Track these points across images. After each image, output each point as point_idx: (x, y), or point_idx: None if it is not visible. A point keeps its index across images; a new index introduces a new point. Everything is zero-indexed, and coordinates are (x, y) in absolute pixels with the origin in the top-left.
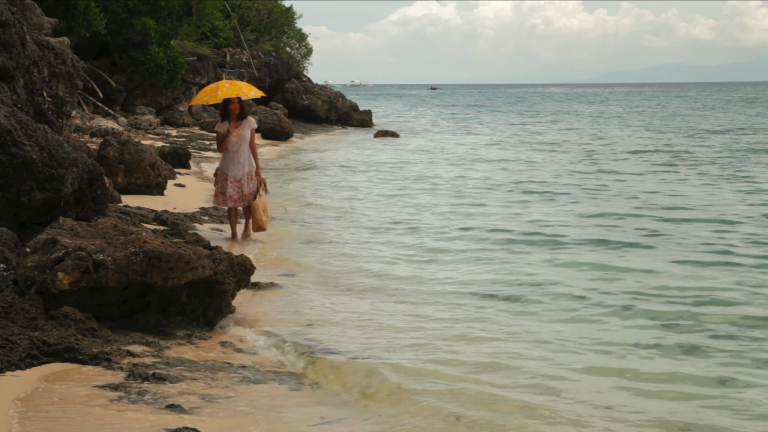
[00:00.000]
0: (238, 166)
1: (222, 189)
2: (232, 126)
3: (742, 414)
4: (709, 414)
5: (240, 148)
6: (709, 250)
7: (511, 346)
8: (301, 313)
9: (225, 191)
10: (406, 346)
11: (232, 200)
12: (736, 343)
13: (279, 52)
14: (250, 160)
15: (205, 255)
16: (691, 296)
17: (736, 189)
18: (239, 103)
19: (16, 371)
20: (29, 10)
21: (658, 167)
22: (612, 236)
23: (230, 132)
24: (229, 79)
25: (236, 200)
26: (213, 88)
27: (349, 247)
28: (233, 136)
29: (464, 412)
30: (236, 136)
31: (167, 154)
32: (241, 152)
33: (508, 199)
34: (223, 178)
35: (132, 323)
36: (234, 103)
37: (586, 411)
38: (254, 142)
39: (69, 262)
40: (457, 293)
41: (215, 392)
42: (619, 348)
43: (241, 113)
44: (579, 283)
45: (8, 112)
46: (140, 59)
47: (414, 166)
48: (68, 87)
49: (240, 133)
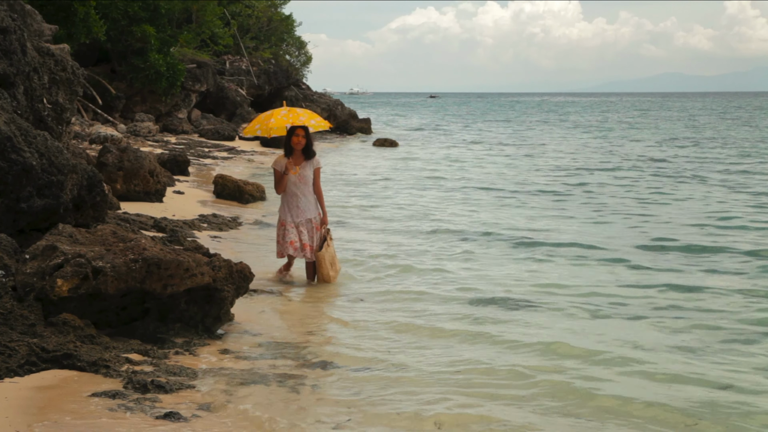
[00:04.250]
0: (296, 211)
1: (282, 236)
2: (291, 163)
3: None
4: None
5: (300, 190)
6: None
7: (514, 348)
8: (300, 320)
9: (285, 238)
10: (404, 351)
11: (293, 247)
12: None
13: (278, 59)
14: (315, 205)
15: (204, 262)
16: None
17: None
18: (305, 138)
19: (14, 378)
20: (30, 17)
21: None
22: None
23: (288, 170)
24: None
25: (297, 249)
26: (267, 116)
27: (349, 254)
28: (291, 174)
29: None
30: (295, 174)
31: (166, 161)
32: (301, 195)
33: (505, 204)
34: (280, 224)
35: (131, 330)
36: (298, 136)
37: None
38: (319, 184)
39: (68, 268)
40: (461, 299)
41: (213, 400)
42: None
43: (308, 149)
44: (590, 288)
45: (8, 118)
46: (140, 66)
47: (412, 173)
48: (68, 94)
49: (299, 172)
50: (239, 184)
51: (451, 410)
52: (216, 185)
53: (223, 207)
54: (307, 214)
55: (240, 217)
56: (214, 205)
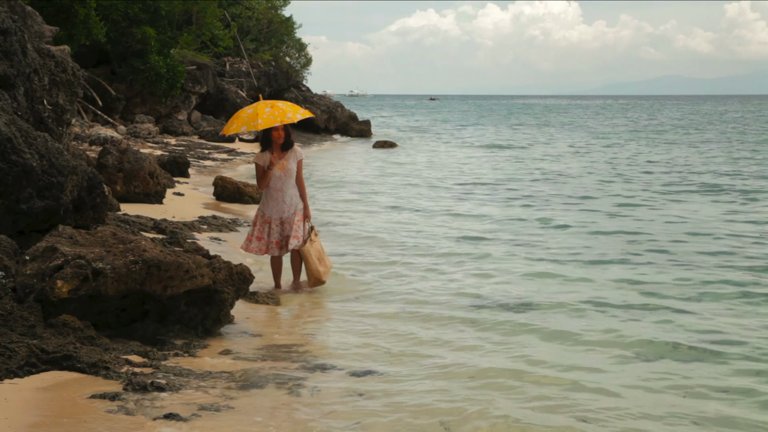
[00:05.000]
0: (282, 206)
1: (260, 233)
2: (275, 157)
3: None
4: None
5: (285, 184)
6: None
7: (515, 350)
8: (300, 322)
9: (265, 236)
10: (403, 356)
11: (277, 246)
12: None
13: (278, 61)
14: (298, 197)
15: (204, 264)
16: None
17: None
18: (285, 130)
19: (14, 379)
20: (30, 18)
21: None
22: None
23: (273, 164)
24: (267, 101)
25: (282, 246)
26: (251, 115)
27: (349, 257)
28: (277, 169)
29: (460, 422)
30: (281, 168)
31: (166, 162)
32: (286, 189)
33: (507, 206)
34: (263, 220)
35: (130, 331)
36: (278, 130)
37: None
38: (302, 175)
39: (68, 270)
40: (462, 302)
41: (213, 401)
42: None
43: (287, 142)
44: (590, 293)
45: (8, 119)
46: (140, 68)
47: (411, 176)
48: (68, 95)
49: (285, 166)
50: (239, 186)
51: (458, 414)
52: (216, 187)
53: (223, 209)
54: (292, 208)
55: (240, 219)
56: (214, 206)
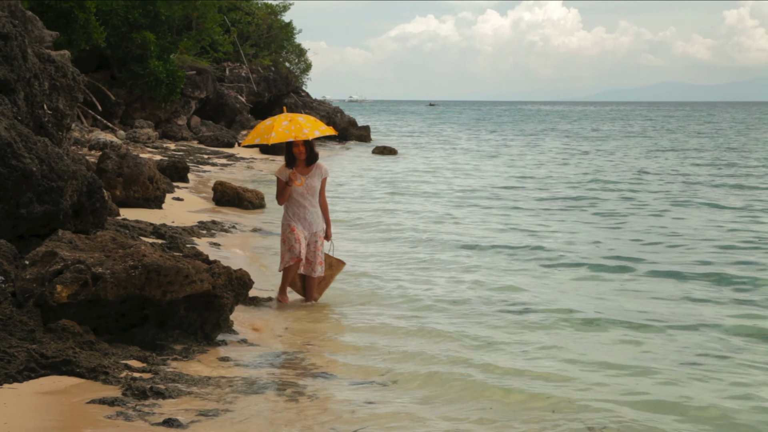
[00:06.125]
0: (304, 223)
1: (292, 245)
2: (295, 173)
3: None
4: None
5: (306, 202)
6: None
7: (517, 357)
8: (299, 328)
9: (296, 244)
10: (404, 364)
11: (302, 265)
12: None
13: (278, 66)
14: (321, 217)
15: (203, 269)
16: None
17: None
18: (306, 145)
19: (13, 384)
20: (31, 23)
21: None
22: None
23: (292, 180)
24: (288, 113)
25: (305, 267)
26: (267, 127)
27: (348, 264)
28: (296, 186)
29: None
30: (300, 185)
31: (166, 167)
32: (308, 206)
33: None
34: (289, 230)
35: (130, 336)
36: (299, 146)
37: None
38: (325, 194)
39: (68, 274)
40: (463, 308)
41: (213, 407)
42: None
43: (310, 157)
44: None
45: (9, 124)
46: (139, 73)
47: (411, 182)
48: (68, 100)
49: (305, 182)
50: (239, 191)
51: (460, 423)
52: (215, 192)
53: (223, 214)
54: (314, 227)
55: (239, 224)
56: (213, 211)
